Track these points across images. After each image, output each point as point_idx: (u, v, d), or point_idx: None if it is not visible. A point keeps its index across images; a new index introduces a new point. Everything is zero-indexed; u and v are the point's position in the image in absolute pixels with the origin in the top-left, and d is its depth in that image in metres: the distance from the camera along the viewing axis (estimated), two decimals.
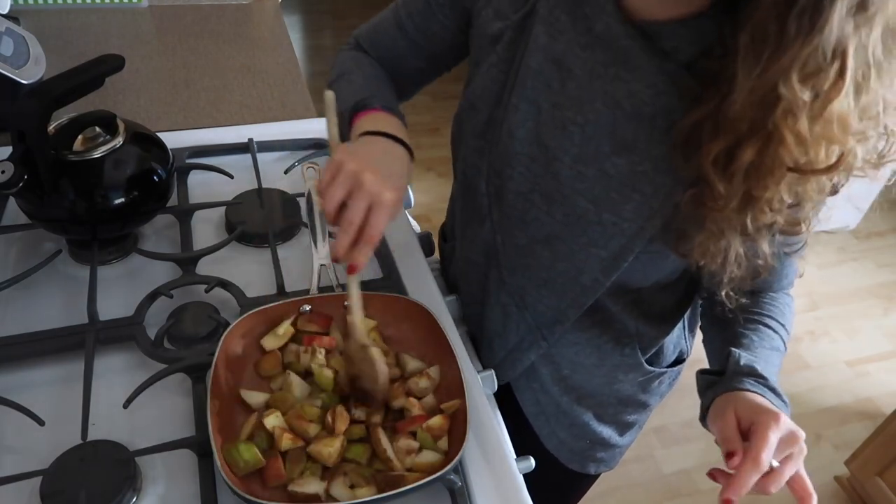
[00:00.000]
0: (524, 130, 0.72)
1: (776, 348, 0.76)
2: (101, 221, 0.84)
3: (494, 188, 0.77)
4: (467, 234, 0.87)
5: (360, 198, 0.63)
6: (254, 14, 1.59)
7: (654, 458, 1.99)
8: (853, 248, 2.88)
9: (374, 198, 0.63)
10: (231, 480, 0.59)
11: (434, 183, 2.81)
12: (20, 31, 1.06)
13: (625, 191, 0.67)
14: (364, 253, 0.65)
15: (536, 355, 0.86)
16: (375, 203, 0.64)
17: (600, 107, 0.66)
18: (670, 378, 0.94)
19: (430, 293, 0.89)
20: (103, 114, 0.85)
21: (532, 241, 0.76)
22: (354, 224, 0.63)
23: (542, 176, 0.72)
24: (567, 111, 0.69)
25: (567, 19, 0.67)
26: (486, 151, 0.76)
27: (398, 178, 0.67)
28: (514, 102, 0.72)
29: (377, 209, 0.64)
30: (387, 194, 0.64)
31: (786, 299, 0.80)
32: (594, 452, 0.97)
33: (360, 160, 0.65)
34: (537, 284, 0.79)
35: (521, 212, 0.76)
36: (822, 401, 2.22)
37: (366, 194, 0.63)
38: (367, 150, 0.69)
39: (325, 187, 0.64)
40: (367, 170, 0.64)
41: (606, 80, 0.65)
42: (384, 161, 0.68)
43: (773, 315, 0.77)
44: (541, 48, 0.69)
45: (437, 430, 0.69)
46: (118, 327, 0.78)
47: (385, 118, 0.74)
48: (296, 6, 4.29)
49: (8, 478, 0.62)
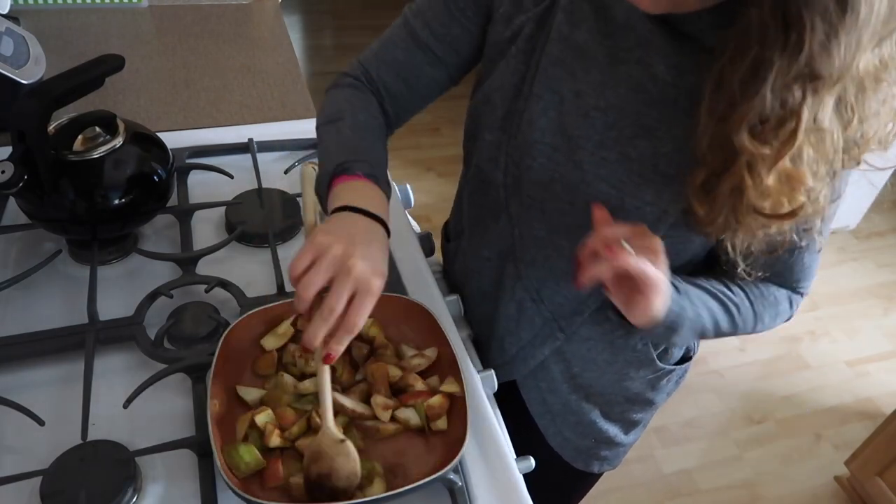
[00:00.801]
0: (546, 120, 0.72)
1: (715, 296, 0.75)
2: (101, 221, 0.84)
3: (513, 179, 0.76)
4: (478, 230, 0.86)
5: (345, 285, 0.59)
6: (254, 14, 1.59)
7: (655, 458, 1.99)
8: (853, 248, 2.88)
9: (362, 285, 0.60)
10: (231, 481, 0.59)
11: (434, 183, 2.80)
12: (20, 31, 1.06)
13: (646, 173, 0.68)
14: (343, 342, 0.60)
15: (550, 350, 0.86)
16: (361, 290, 0.60)
17: (624, 91, 0.67)
18: (678, 376, 0.94)
19: (430, 293, 0.89)
20: (103, 114, 0.85)
21: (552, 232, 0.76)
22: (336, 313, 0.59)
23: (563, 165, 0.72)
24: (589, 98, 0.69)
25: (589, 8, 0.68)
26: (505, 144, 0.76)
27: (381, 262, 0.63)
28: (536, 92, 0.72)
29: (362, 297, 0.60)
30: (375, 282, 0.60)
31: (778, 295, 0.79)
32: (599, 451, 0.97)
33: (344, 244, 0.61)
34: (557, 276, 0.79)
35: (540, 203, 0.75)
36: (822, 401, 2.22)
37: (353, 281, 0.59)
38: (349, 232, 0.63)
39: (302, 272, 0.60)
40: (354, 256, 0.60)
41: (630, 65, 0.66)
42: (368, 245, 0.63)
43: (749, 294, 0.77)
44: (562, 37, 0.69)
45: (437, 409, 0.70)
46: (118, 327, 0.78)
47: (365, 190, 0.69)
48: (296, 6, 4.29)
49: (8, 478, 0.62)
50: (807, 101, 0.53)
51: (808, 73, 0.51)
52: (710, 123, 0.58)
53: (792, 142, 0.54)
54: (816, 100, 0.53)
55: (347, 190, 0.69)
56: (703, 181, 0.61)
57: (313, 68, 3.59)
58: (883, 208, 3.04)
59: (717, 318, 0.75)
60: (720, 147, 0.58)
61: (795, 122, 0.53)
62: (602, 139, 0.69)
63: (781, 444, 2.07)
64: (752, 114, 0.54)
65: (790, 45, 0.50)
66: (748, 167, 0.57)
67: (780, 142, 0.55)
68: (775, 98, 0.53)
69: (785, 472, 2.00)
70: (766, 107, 0.53)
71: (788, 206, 0.59)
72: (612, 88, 0.67)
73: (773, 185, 0.57)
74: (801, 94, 0.52)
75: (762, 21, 0.51)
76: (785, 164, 0.56)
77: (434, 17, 0.79)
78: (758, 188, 0.57)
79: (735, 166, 0.58)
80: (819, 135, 0.55)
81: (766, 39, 0.51)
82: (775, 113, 0.54)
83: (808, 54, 0.50)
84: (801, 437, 2.10)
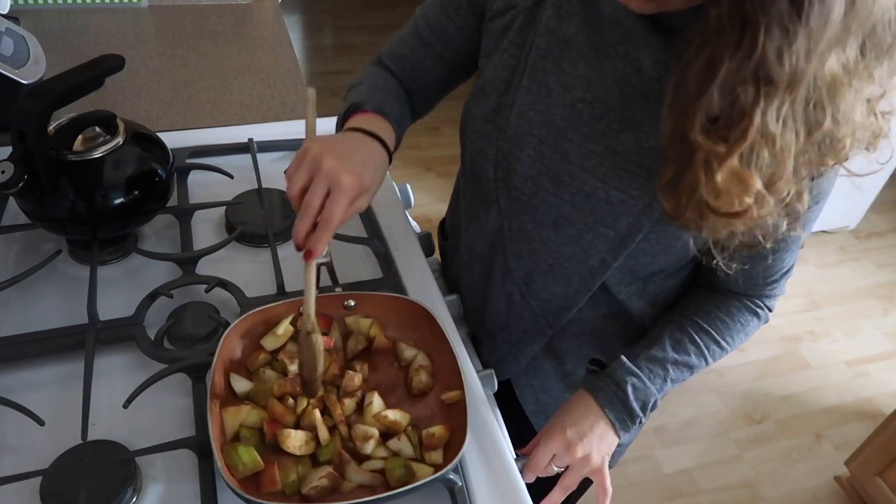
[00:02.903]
0: (534, 112, 0.73)
1: (684, 364, 0.78)
2: (101, 221, 0.84)
3: (503, 172, 0.77)
4: (473, 224, 0.87)
5: (319, 182, 0.63)
6: (254, 14, 1.59)
7: (654, 458, 1.99)
8: (853, 248, 2.88)
9: (332, 182, 0.63)
10: (231, 481, 0.59)
11: (434, 183, 2.80)
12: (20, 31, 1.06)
13: (631, 167, 0.69)
14: (321, 238, 0.64)
15: (540, 346, 0.86)
16: (333, 187, 0.63)
17: (610, 84, 0.68)
18: None
19: (430, 293, 0.89)
20: (103, 114, 0.85)
21: (539, 224, 0.77)
22: (312, 207, 0.63)
23: (550, 157, 0.73)
24: (576, 91, 0.70)
25: (577, 1, 0.69)
26: (495, 136, 0.77)
27: (361, 165, 0.67)
28: (525, 85, 0.73)
29: (335, 194, 0.63)
30: (344, 177, 0.63)
31: (747, 318, 0.80)
32: None
33: (324, 147, 0.65)
34: (543, 270, 0.80)
35: (528, 195, 0.76)
36: (822, 401, 2.22)
37: (324, 178, 0.63)
38: (336, 139, 0.69)
39: (291, 173, 0.65)
40: (328, 154, 0.64)
41: (616, 58, 0.67)
42: (350, 149, 0.68)
43: (715, 332, 0.79)
44: (551, 31, 0.71)
45: (436, 440, 0.68)
46: (118, 327, 0.78)
47: (372, 119, 0.75)
48: (296, 6, 4.29)
49: (8, 478, 0.62)
50: (759, 103, 0.52)
51: (762, 75, 0.51)
52: (670, 118, 0.58)
53: (741, 142, 0.54)
54: (769, 102, 0.52)
55: (355, 121, 0.75)
56: (670, 177, 0.61)
57: (313, 68, 3.59)
58: (883, 208, 3.04)
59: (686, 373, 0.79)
60: (680, 142, 0.58)
61: (746, 123, 0.53)
62: (589, 131, 0.70)
63: (781, 444, 2.07)
64: (703, 111, 0.54)
65: (743, 46, 0.50)
66: (704, 164, 0.57)
67: (730, 141, 0.55)
68: (724, 97, 0.53)
69: (785, 472, 2.00)
70: (714, 105, 0.53)
71: (738, 206, 0.59)
72: (599, 81, 0.68)
73: (722, 183, 0.57)
74: (754, 96, 0.52)
75: (720, 21, 0.51)
76: (734, 164, 0.56)
77: (434, 16, 0.83)
78: (709, 185, 0.57)
79: (693, 162, 0.58)
80: (772, 137, 0.55)
81: (721, 39, 0.51)
82: (725, 112, 0.54)
83: (761, 57, 0.50)
84: (801, 437, 2.10)
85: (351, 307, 0.80)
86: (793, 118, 0.55)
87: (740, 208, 0.59)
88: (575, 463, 0.75)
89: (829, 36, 0.49)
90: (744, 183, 0.57)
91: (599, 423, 0.75)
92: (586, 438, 0.74)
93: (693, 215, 0.61)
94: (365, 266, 0.93)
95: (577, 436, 0.74)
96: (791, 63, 0.50)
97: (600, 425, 0.75)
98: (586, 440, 0.74)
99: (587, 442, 0.74)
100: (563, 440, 0.74)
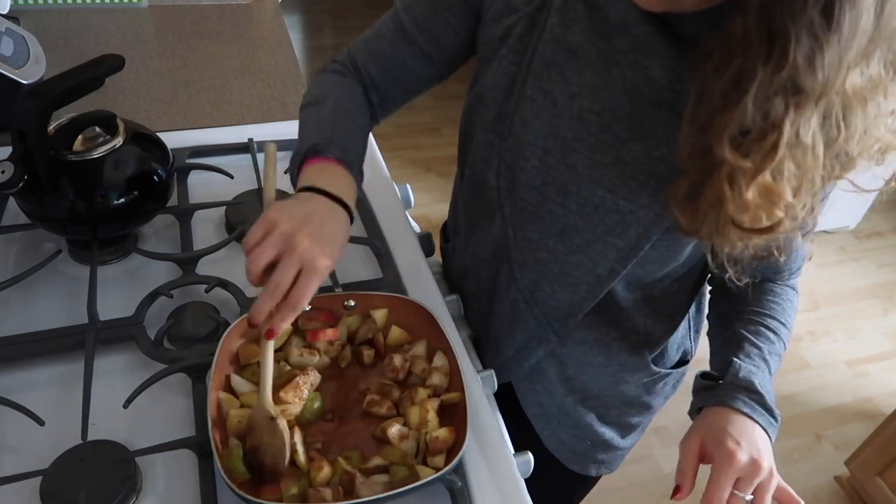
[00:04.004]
0: (539, 122, 0.71)
1: (776, 353, 0.76)
2: (101, 221, 0.84)
3: (506, 182, 0.76)
4: (476, 231, 0.86)
5: (290, 262, 0.60)
6: (254, 14, 1.59)
7: (654, 458, 1.99)
8: (853, 248, 2.88)
9: (307, 264, 0.60)
10: (231, 483, 0.59)
11: (434, 183, 2.80)
12: (20, 31, 1.06)
13: (641, 177, 0.67)
14: (287, 319, 0.61)
15: (545, 352, 0.86)
16: (307, 269, 0.60)
17: (618, 93, 0.66)
18: (675, 380, 0.94)
19: (430, 293, 0.89)
20: (103, 114, 0.85)
21: (545, 234, 0.76)
22: (281, 288, 0.60)
23: (556, 168, 0.72)
24: (583, 100, 0.68)
25: (583, 8, 0.67)
26: (497, 145, 0.75)
27: (331, 244, 0.63)
28: (529, 94, 0.71)
29: (307, 275, 0.60)
30: (321, 261, 0.61)
31: (790, 294, 0.80)
32: (595, 454, 0.97)
33: (295, 222, 0.62)
34: (549, 279, 0.79)
35: (534, 205, 0.75)
36: (822, 401, 2.22)
37: (297, 259, 0.60)
38: (304, 210, 0.64)
39: (253, 245, 0.61)
40: (301, 233, 0.61)
41: (625, 67, 0.65)
42: (320, 225, 0.64)
43: (776, 315, 0.78)
44: (556, 38, 0.68)
45: (441, 444, 0.67)
46: (118, 327, 0.78)
47: (333, 172, 0.70)
48: (296, 6, 4.29)
49: (8, 478, 0.62)
50: (789, 114, 0.51)
51: (791, 86, 0.50)
52: (692, 132, 0.57)
53: (773, 155, 0.53)
54: (799, 114, 0.52)
55: (315, 171, 0.70)
56: (686, 191, 0.60)
57: (313, 68, 3.59)
58: (883, 208, 3.04)
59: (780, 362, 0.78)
60: (701, 156, 0.57)
61: (777, 136, 0.52)
62: (596, 142, 0.69)
63: (781, 444, 2.07)
64: (734, 125, 0.53)
65: (774, 57, 0.49)
66: (728, 179, 0.56)
67: (761, 155, 0.54)
68: (757, 110, 0.52)
69: (785, 472, 1.99)
70: (748, 118, 0.52)
71: (766, 220, 0.57)
72: (607, 91, 0.67)
73: (752, 198, 0.55)
74: (784, 108, 0.51)
75: (747, 32, 0.50)
76: (765, 178, 0.55)
77: (421, 12, 0.79)
78: (737, 201, 0.56)
79: (715, 177, 0.57)
80: (801, 150, 0.54)
81: (750, 51, 0.50)
82: (757, 125, 0.53)
83: (792, 68, 0.49)
84: (801, 437, 2.10)
85: (351, 307, 0.79)
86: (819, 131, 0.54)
87: (769, 223, 0.57)
88: (764, 478, 0.66)
89: (859, 44, 0.48)
90: (773, 196, 0.56)
91: (756, 430, 0.68)
92: (763, 450, 0.67)
93: (709, 230, 0.60)
94: (365, 266, 0.93)
95: (753, 449, 0.66)
96: (823, 72, 0.49)
97: (760, 432, 0.68)
98: (765, 451, 0.67)
99: (765, 453, 0.67)
100: (742, 457, 0.65)
